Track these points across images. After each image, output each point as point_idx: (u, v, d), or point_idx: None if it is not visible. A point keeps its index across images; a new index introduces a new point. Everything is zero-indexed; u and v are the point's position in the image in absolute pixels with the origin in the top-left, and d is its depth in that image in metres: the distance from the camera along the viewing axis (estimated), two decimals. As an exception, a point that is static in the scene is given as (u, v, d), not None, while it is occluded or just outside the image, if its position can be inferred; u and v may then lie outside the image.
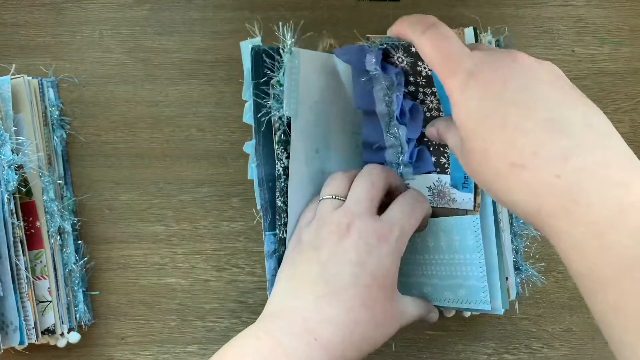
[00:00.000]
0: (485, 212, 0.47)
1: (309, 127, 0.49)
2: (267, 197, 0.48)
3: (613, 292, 0.31)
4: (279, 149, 0.47)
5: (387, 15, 0.57)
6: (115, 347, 0.57)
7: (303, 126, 0.48)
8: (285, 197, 0.48)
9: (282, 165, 0.47)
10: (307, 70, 0.48)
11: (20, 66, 0.56)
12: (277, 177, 0.47)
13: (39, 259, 0.53)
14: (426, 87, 0.48)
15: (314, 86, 0.49)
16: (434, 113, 0.48)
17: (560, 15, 0.58)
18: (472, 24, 0.54)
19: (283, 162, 0.47)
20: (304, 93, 0.48)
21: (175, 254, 0.57)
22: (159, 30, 0.57)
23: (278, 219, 0.48)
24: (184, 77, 0.57)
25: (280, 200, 0.48)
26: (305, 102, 0.48)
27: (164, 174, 0.57)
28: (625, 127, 0.58)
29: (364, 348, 0.44)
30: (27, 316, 0.51)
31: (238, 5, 0.57)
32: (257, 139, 0.48)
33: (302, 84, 0.47)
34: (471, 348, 0.58)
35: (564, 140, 0.34)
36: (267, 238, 0.48)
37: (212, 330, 0.57)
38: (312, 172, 0.49)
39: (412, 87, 0.48)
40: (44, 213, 0.53)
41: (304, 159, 0.48)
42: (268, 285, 0.49)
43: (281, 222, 0.48)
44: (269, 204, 0.48)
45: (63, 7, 0.57)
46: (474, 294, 0.48)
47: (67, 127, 0.57)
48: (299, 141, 0.48)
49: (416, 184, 0.51)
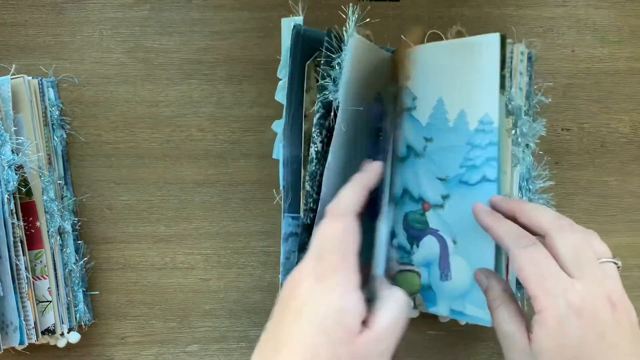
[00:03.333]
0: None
1: (352, 114, 0.47)
2: (290, 179, 0.47)
3: None
4: (316, 131, 0.45)
5: (387, 15, 0.57)
6: (115, 347, 0.57)
7: (349, 112, 0.46)
8: (314, 182, 0.45)
9: (315, 149, 0.45)
10: (360, 59, 0.46)
11: (20, 66, 0.56)
12: (309, 161, 0.45)
13: (39, 259, 0.53)
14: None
15: (360, 75, 0.47)
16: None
17: (560, 15, 0.58)
18: (472, 24, 0.54)
19: (317, 146, 0.45)
20: (352, 80, 0.46)
21: (175, 254, 0.57)
22: (159, 30, 0.57)
23: (305, 203, 0.46)
24: (184, 77, 0.57)
25: (308, 184, 0.45)
26: (353, 88, 0.47)
27: (164, 174, 0.57)
28: (626, 127, 0.58)
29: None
30: (27, 316, 0.51)
31: (238, 5, 0.57)
32: (287, 119, 0.46)
33: (352, 71, 0.46)
34: (471, 348, 0.58)
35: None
36: (285, 220, 0.47)
37: (212, 330, 0.57)
38: (351, 159, 0.47)
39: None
40: (44, 213, 0.53)
41: (346, 145, 0.46)
42: (281, 268, 0.48)
43: (307, 207, 0.45)
44: (290, 185, 0.47)
45: (63, 7, 0.57)
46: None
47: (67, 127, 0.57)
48: (345, 127, 0.45)
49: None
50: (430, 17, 0.57)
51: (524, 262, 0.39)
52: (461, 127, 0.49)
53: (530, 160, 0.52)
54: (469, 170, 0.49)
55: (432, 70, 0.51)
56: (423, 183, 0.52)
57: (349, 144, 0.48)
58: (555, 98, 0.58)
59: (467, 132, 0.49)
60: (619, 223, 0.58)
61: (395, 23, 0.57)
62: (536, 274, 0.38)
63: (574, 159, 0.58)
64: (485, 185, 0.48)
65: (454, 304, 0.50)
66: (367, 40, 0.48)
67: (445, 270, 0.50)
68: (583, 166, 0.58)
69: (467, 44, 0.49)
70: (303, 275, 0.37)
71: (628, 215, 0.58)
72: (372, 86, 0.50)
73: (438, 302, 0.51)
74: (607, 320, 0.37)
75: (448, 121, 0.50)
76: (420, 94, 0.52)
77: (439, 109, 0.50)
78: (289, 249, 0.47)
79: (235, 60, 0.57)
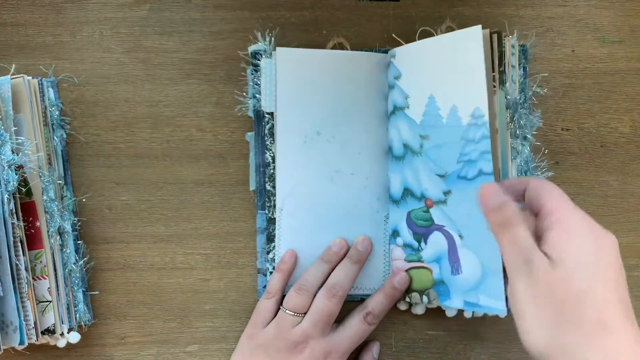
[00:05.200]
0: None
1: (295, 117, 0.54)
2: (261, 180, 0.56)
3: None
4: (268, 140, 0.55)
5: (387, 15, 0.57)
6: (115, 347, 0.57)
7: (287, 118, 0.54)
8: (274, 182, 0.55)
9: (271, 155, 0.55)
10: (287, 68, 0.54)
11: (20, 66, 0.56)
12: (266, 165, 0.55)
13: (39, 259, 0.53)
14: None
15: (296, 81, 0.54)
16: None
17: (560, 15, 0.58)
18: (472, 24, 0.54)
19: (272, 152, 0.55)
20: (282, 89, 0.54)
21: (175, 254, 0.57)
22: (159, 30, 0.57)
23: (267, 201, 0.55)
24: (183, 77, 0.57)
25: (269, 184, 0.55)
26: (285, 96, 0.54)
27: (164, 174, 0.57)
28: (625, 127, 0.58)
29: None
30: (27, 316, 0.51)
31: (238, 5, 0.57)
32: (255, 130, 0.56)
33: (280, 81, 0.54)
34: (471, 348, 0.58)
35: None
36: (259, 216, 0.56)
37: (212, 330, 0.57)
38: (315, 154, 0.55)
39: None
40: (44, 213, 0.53)
41: (295, 145, 0.54)
42: (258, 257, 0.57)
43: (270, 204, 0.55)
44: (263, 187, 0.56)
45: (63, 7, 0.57)
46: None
47: (67, 127, 0.57)
48: (285, 132, 0.54)
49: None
50: (430, 17, 0.57)
51: (546, 184, 0.43)
52: (454, 123, 0.49)
53: (528, 153, 0.53)
54: (466, 165, 0.49)
55: (421, 68, 0.52)
56: (424, 180, 0.52)
57: (320, 130, 0.55)
58: (555, 98, 0.58)
59: (461, 127, 0.49)
60: (619, 223, 0.58)
61: (395, 23, 0.57)
62: (558, 193, 0.42)
63: (574, 159, 0.58)
64: (483, 178, 0.48)
65: (468, 296, 0.51)
66: (294, 49, 0.54)
67: (455, 264, 0.51)
68: (583, 166, 0.58)
69: (451, 39, 0.49)
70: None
71: (628, 215, 0.58)
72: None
73: (452, 296, 0.52)
74: (606, 247, 0.41)
75: (442, 117, 0.50)
76: (412, 92, 0.52)
77: (431, 106, 0.51)
78: (263, 241, 0.56)
79: (235, 60, 0.57)
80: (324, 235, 0.55)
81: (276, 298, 0.54)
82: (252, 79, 0.55)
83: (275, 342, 0.52)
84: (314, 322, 0.52)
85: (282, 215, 0.55)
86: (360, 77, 0.55)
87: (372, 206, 0.55)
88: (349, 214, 0.55)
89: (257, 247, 0.57)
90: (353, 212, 0.55)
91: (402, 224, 0.54)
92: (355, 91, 0.55)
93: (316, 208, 0.55)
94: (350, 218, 0.55)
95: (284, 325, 0.53)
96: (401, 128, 0.54)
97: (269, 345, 0.52)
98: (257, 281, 0.57)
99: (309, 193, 0.55)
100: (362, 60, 0.55)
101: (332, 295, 0.52)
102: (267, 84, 0.54)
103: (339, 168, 0.55)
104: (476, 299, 0.50)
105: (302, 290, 0.53)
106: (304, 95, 0.54)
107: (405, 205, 0.54)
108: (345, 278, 0.53)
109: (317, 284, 0.53)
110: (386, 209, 0.56)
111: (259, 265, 0.57)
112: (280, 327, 0.53)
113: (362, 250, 0.54)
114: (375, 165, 0.55)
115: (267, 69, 0.54)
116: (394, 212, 0.55)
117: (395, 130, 0.54)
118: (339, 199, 0.55)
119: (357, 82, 0.55)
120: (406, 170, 0.54)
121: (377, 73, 0.55)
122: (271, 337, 0.53)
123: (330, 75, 0.54)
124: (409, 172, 0.54)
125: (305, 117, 0.54)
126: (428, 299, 0.53)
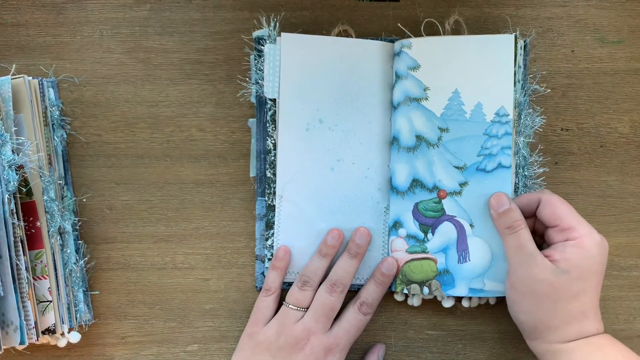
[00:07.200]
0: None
1: (298, 104, 0.54)
2: (262, 167, 0.56)
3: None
4: (270, 126, 0.55)
5: (387, 15, 0.57)
6: (115, 347, 0.57)
7: (290, 105, 0.54)
8: (274, 169, 0.55)
9: (272, 142, 0.55)
10: (292, 54, 0.54)
11: (20, 66, 0.56)
12: (267, 151, 0.55)
13: (39, 259, 0.53)
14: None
15: (300, 67, 0.54)
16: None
17: (560, 15, 0.58)
18: (472, 24, 0.55)
19: (273, 138, 0.55)
20: (286, 75, 0.54)
21: (175, 254, 0.57)
22: (159, 31, 0.57)
23: (267, 187, 0.55)
24: (184, 77, 0.57)
25: (270, 172, 0.55)
26: (289, 82, 0.54)
27: (164, 174, 0.57)
28: (625, 127, 0.58)
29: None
30: (28, 316, 0.51)
31: (238, 5, 0.57)
32: (257, 116, 0.56)
33: (284, 66, 0.54)
34: (471, 348, 0.58)
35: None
36: (258, 202, 0.57)
37: (212, 330, 0.57)
38: (317, 142, 0.55)
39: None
40: (45, 213, 0.53)
41: (296, 133, 0.54)
42: (256, 243, 0.57)
43: (270, 191, 0.55)
44: (263, 173, 0.56)
45: (63, 7, 0.57)
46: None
47: (68, 127, 0.57)
48: (288, 119, 0.54)
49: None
50: (430, 17, 0.56)
51: (557, 200, 0.51)
52: (478, 119, 0.53)
53: (527, 150, 0.55)
54: (486, 158, 0.53)
55: (446, 63, 0.54)
56: (438, 172, 0.54)
57: (322, 118, 0.55)
58: (555, 98, 0.58)
59: (484, 123, 0.53)
60: (619, 223, 0.58)
61: (395, 23, 0.57)
62: (570, 210, 0.51)
63: (574, 159, 0.58)
64: (501, 171, 0.53)
65: (473, 283, 0.54)
66: (300, 35, 0.55)
67: (463, 253, 0.54)
68: (583, 166, 0.58)
69: (483, 41, 0.53)
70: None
71: (628, 215, 0.58)
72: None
73: (456, 284, 0.54)
74: (604, 262, 0.50)
75: (464, 112, 0.53)
76: (433, 85, 0.53)
77: (455, 100, 0.54)
78: (262, 228, 0.56)
79: (235, 60, 0.57)
80: (323, 224, 0.55)
81: (275, 295, 0.54)
82: (255, 65, 0.55)
83: (277, 339, 0.52)
84: (316, 317, 0.53)
85: (281, 202, 0.55)
86: (365, 65, 0.55)
87: (373, 196, 0.55)
88: (349, 203, 0.55)
89: (256, 234, 0.57)
90: (353, 201, 0.55)
91: (407, 215, 0.55)
92: (360, 79, 0.55)
93: (316, 196, 0.55)
94: (350, 207, 0.55)
95: (286, 320, 0.53)
96: (415, 119, 0.54)
97: (271, 343, 0.53)
98: (256, 281, 0.57)
99: (310, 181, 0.55)
100: (368, 48, 0.55)
101: (334, 291, 0.53)
102: (271, 70, 0.54)
103: (340, 157, 0.55)
104: (482, 284, 0.54)
105: (304, 285, 0.53)
106: (308, 82, 0.54)
107: (412, 196, 0.55)
108: (345, 273, 0.54)
109: (318, 279, 0.54)
110: (387, 199, 0.56)
111: (257, 251, 0.57)
112: (283, 322, 0.53)
113: (361, 243, 0.54)
114: (377, 156, 0.55)
115: (271, 55, 0.54)
116: (397, 203, 0.55)
117: (406, 121, 0.54)
118: (339, 188, 0.55)
119: (361, 70, 0.55)
120: (417, 161, 0.54)
121: (382, 62, 0.55)
122: (273, 334, 0.53)
123: (335, 62, 0.54)
124: (420, 163, 0.54)
125: (308, 104, 0.54)
126: (429, 289, 0.54)
